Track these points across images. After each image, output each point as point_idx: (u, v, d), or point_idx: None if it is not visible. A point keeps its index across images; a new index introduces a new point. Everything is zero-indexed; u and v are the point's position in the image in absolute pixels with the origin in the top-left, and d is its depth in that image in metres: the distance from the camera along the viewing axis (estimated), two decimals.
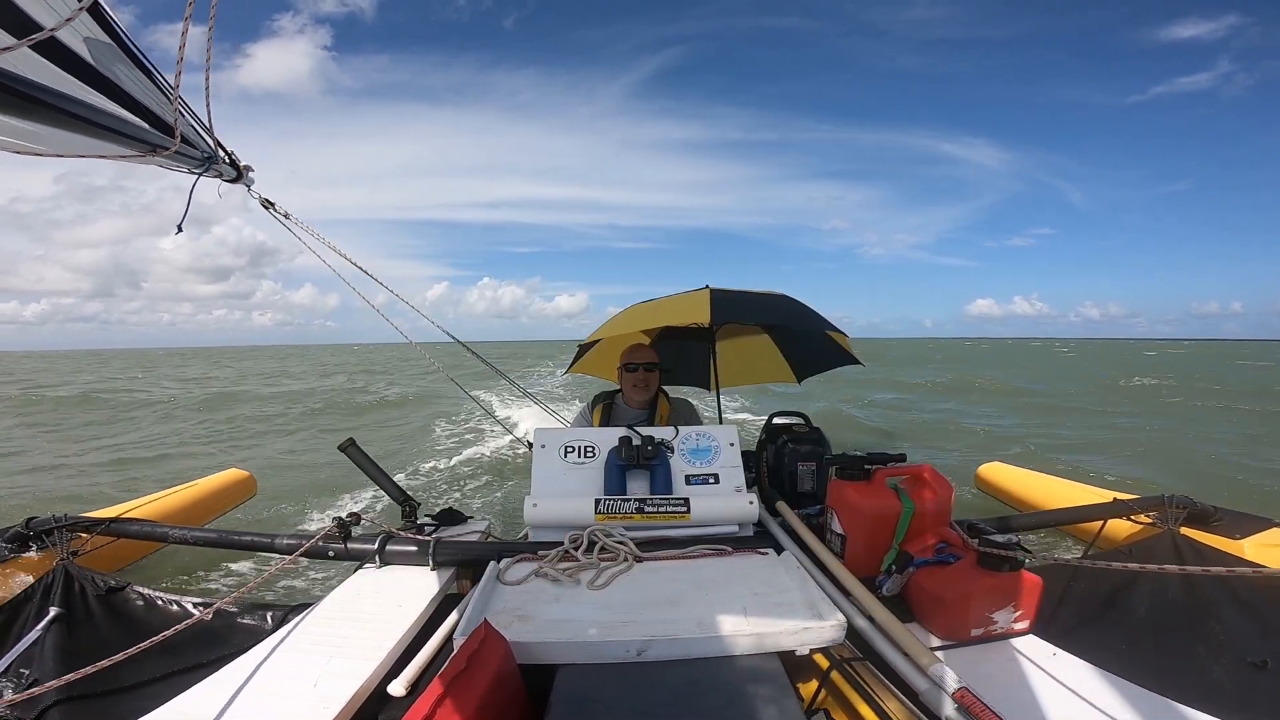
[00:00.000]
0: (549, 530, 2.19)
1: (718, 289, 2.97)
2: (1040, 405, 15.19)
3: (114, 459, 8.77)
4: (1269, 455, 8.24)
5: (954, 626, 1.66)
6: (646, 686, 1.31)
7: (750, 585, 1.75)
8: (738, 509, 2.24)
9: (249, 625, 2.01)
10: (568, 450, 2.42)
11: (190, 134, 1.59)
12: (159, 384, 24.14)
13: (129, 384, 24.16)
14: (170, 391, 20.27)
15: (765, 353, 3.98)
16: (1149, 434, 10.39)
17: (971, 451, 8.53)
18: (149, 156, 1.42)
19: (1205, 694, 1.38)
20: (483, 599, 1.65)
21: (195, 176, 1.73)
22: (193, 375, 30.82)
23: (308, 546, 2.16)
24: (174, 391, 20.27)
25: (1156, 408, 14.55)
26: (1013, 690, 1.44)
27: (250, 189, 2.08)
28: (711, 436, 2.48)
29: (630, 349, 3.10)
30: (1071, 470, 6.49)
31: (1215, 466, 7.72)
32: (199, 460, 8.59)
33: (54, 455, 9.07)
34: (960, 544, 1.82)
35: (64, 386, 22.64)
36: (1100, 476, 6.23)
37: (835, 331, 3.18)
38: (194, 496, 3.65)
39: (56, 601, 2.04)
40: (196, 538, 2.50)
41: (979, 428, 11.63)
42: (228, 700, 1.41)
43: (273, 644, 1.64)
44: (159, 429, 12.20)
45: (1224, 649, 1.72)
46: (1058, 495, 3.53)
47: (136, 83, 1.39)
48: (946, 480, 2.03)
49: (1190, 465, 7.81)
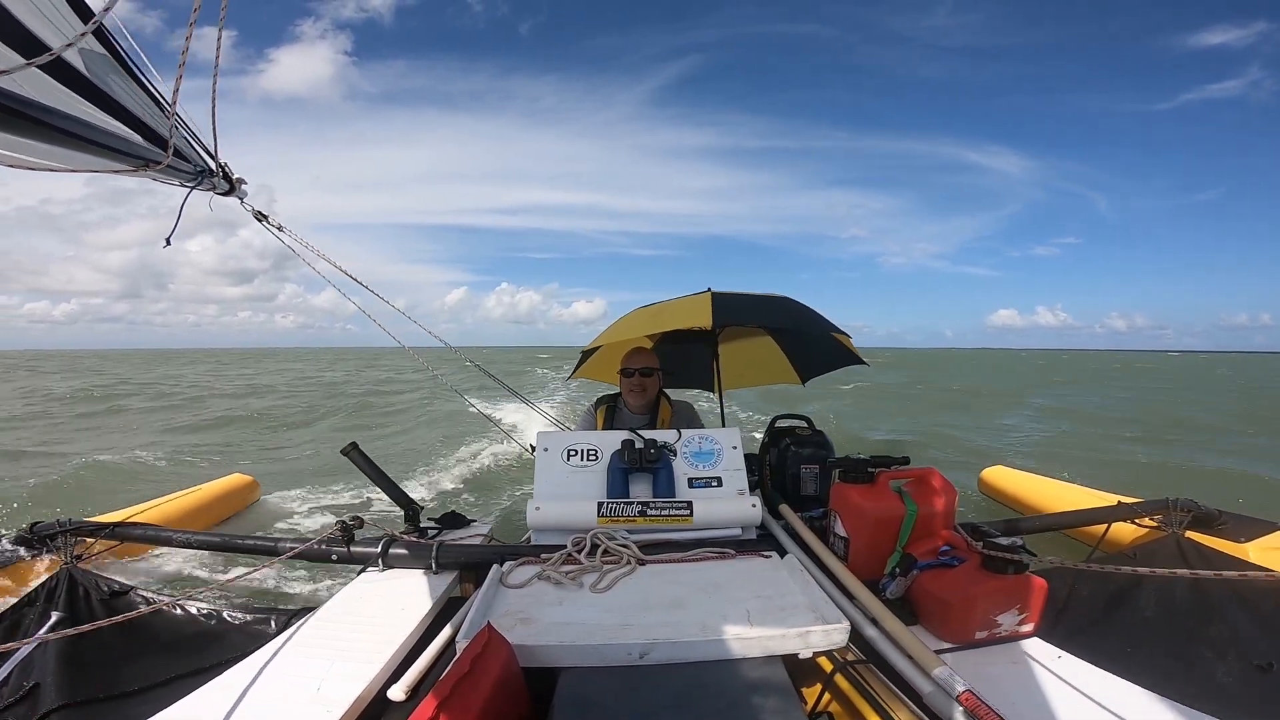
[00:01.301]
0: (552, 533, 2.19)
1: (719, 292, 2.97)
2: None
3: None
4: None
5: (958, 629, 1.66)
6: (649, 690, 1.31)
7: (753, 588, 1.74)
8: (741, 512, 2.24)
9: (252, 629, 2.01)
10: (570, 453, 2.43)
11: (184, 147, 1.57)
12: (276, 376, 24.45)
13: (239, 379, 24.93)
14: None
15: (769, 355, 3.98)
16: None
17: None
18: (140, 172, 1.40)
19: (1210, 696, 1.37)
20: (485, 602, 1.65)
21: (187, 190, 1.72)
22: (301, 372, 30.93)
23: (311, 550, 2.16)
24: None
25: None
26: (1017, 693, 1.43)
27: (243, 202, 2.07)
28: (714, 439, 2.48)
29: (629, 354, 3.10)
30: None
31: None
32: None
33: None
34: (964, 547, 1.82)
35: (190, 388, 22.86)
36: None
37: (838, 333, 3.18)
38: (198, 501, 3.66)
39: (60, 606, 2.04)
40: (200, 541, 2.50)
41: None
42: (229, 704, 1.41)
43: (275, 648, 1.64)
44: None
45: (1229, 652, 1.71)
46: (1062, 499, 3.52)
47: (131, 94, 1.37)
48: (950, 483, 2.03)
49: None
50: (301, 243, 2.58)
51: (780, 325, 3.60)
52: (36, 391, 19.52)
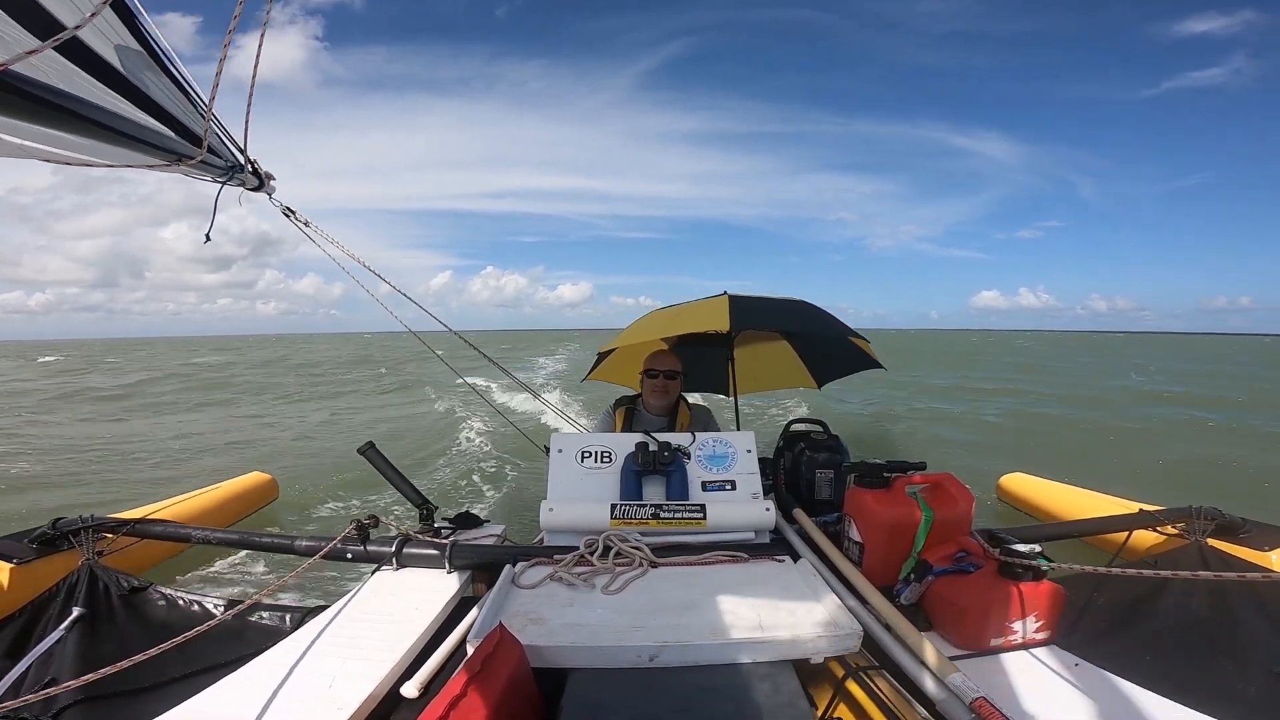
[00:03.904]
0: (564, 535, 2.19)
1: (736, 295, 2.96)
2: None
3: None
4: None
5: (973, 636, 1.64)
6: (658, 692, 1.31)
7: (765, 592, 1.73)
8: (754, 516, 2.23)
9: (267, 626, 2.04)
10: (584, 455, 2.43)
11: (216, 144, 1.61)
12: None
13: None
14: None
15: (784, 359, 3.96)
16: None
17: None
18: (174, 166, 1.43)
19: (1230, 705, 1.35)
20: (498, 602, 1.66)
21: (219, 185, 1.76)
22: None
23: (327, 548, 2.19)
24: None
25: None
26: (1032, 700, 1.41)
27: (272, 197, 2.11)
28: (728, 443, 2.47)
29: (653, 355, 3.11)
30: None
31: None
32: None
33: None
34: (981, 553, 1.79)
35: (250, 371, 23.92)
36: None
37: (856, 337, 3.16)
38: (217, 499, 3.71)
39: (80, 601, 2.08)
40: (219, 539, 2.54)
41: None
42: (244, 700, 1.42)
43: (290, 645, 1.66)
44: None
45: (1250, 660, 1.67)
46: (1081, 506, 3.46)
47: (165, 91, 1.40)
48: (967, 489, 2.00)
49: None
50: (327, 238, 2.60)
51: (798, 329, 3.58)
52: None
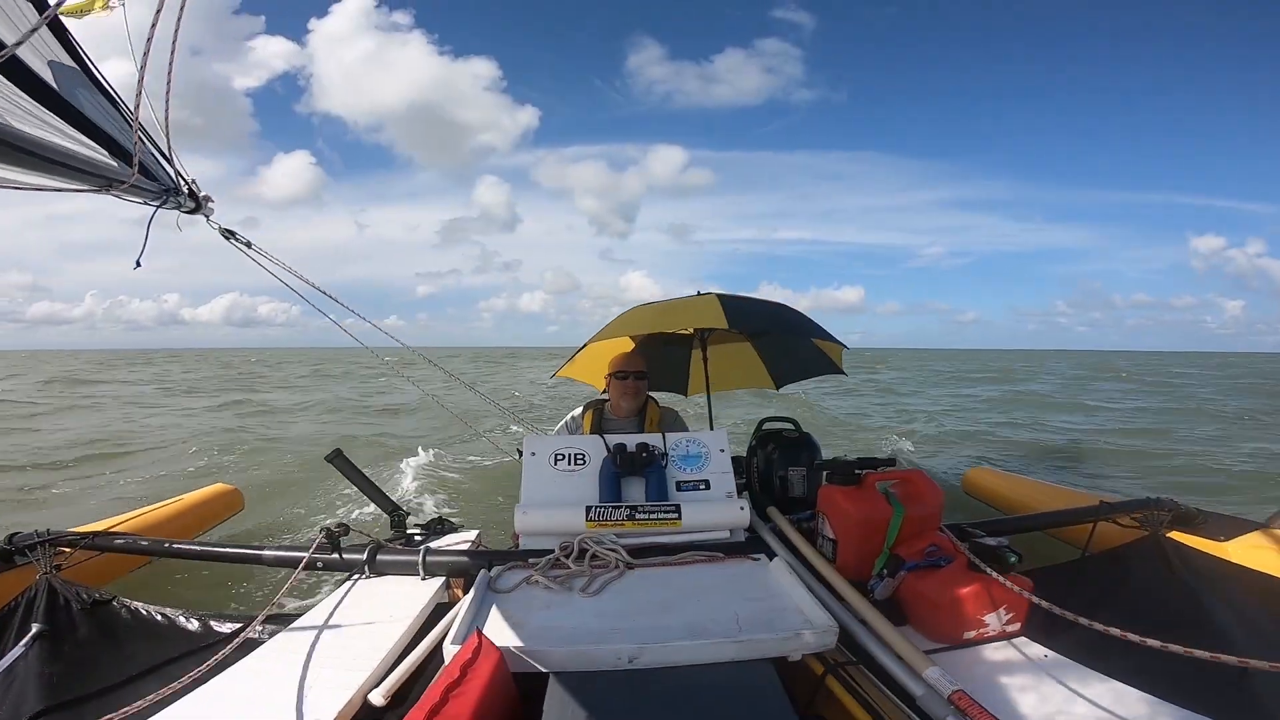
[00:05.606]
0: (540, 538, 2.18)
1: (724, 295, 2.95)
2: None
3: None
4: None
5: (946, 629, 1.67)
6: (639, 694, 1.31)
7: (742, 591, 1.75)
8: (729, 515, 2.24)
9: (237, 637, 1.99)
10: (558, 458, 2.42)
11: (150, 164, 1.54)
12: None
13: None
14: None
15: (746, 360, 3.99)
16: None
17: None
18: (105, 191, 1.37)
19: (1194, 693, 1.40)
20: (474, 608, 1.64)
21: (153, 209, 1.68)
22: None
23: (296, 558, 2.14)
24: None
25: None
26: (1006, 692, 1.44)
27: (209, 219, 2.03)
28: (701, 442, 2.49)
29: (620, 357, 3.09)
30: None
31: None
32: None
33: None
34: (951, 548, 1.84)
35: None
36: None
37: (829, 341, 3.19)
38: (179, 510, 3.60)
39: (39, 618, 1.99)
40: (183, 551, 2.46)
41: None
42: (216, 714, 1.39)
43: (262, 656, 1.62)
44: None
45: (1211, 649, 1.74)
46: (1044, 499, 3.56)
47: (99, 108, 1.35)
48: (936, 485, 2.05)
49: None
50: (271, 259, 2.50)
51: (784, 331, 3.61)
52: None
